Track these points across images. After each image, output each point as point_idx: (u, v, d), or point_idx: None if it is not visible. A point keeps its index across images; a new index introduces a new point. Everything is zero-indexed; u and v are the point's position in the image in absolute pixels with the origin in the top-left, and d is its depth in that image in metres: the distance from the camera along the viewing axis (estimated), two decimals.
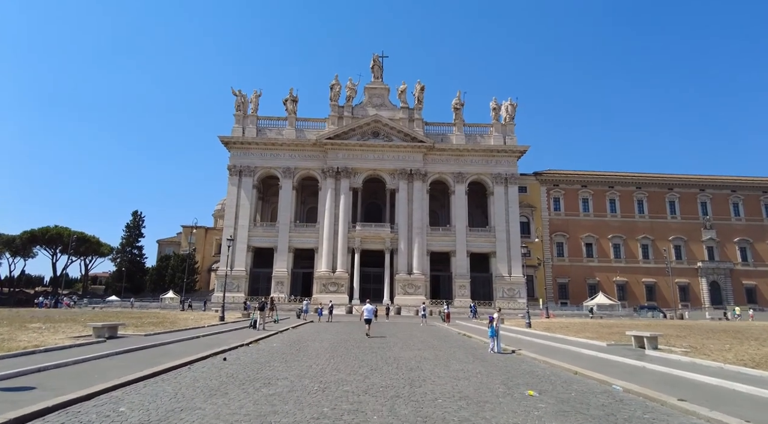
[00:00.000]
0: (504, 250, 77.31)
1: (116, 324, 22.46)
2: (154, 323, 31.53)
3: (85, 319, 31.47)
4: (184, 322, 33.63)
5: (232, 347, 21.86)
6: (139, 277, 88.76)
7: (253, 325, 32.56)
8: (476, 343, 27.00)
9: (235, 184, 78.63)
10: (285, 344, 24.61)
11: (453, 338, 29.98)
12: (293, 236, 77.37)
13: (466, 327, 38.36)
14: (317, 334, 30.80)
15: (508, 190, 79.06)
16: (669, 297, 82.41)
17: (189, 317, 39.77)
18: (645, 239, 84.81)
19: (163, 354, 18.47)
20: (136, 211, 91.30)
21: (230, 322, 36.44)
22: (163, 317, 39.06)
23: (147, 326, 28.81)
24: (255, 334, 28.67)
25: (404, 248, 75.74)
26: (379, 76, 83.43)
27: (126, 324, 26.54)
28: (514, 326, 37.31)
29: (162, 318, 36.98)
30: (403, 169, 77.87)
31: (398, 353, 20.88)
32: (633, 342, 22.53)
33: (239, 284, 75.92)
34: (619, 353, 20.68)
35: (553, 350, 22.75)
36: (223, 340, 24.70)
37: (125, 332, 23.55)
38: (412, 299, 72.43)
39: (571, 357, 20.34)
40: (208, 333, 27.14)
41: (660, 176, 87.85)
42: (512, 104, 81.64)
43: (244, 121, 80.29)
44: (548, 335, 29.56)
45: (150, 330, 25.45)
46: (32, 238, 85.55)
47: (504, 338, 28.50)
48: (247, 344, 23.81)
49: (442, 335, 32.09)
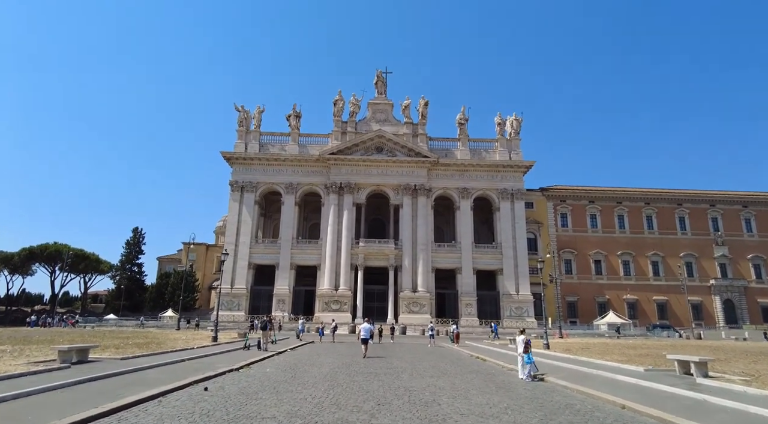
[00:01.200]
0: (511, 267, 74.09)
1: (87, 347, 19.52)
2: (140, 343, 28.50)
3: (64, 340, 28.50)
4: (174, 342, 30.60)
5: (218, 372, 18.86)
6: (138, 295, 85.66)
7: (247, 346, 29.53)
8: (493, 368, 23.86)
9: (236, 200, 76.10)
10: (280, 368, 21.55)
11: (466, 361, 26.81)
12: (295, 253, 74.43)
13: (479, 349, 35.12)
14: (317, 357, 27.69)
15: (514, 205, 76.21)
16: (682, 316, 78.74)
17: (181, 337, 36.69)
18: (655, 256, 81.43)
19: (134, 383, 15.51)
20: (137, 227, 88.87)
21: (224, 343, 33.32)
22: (154, 336, 36.00)
23: (129, 347, 25.79)
24: (249, 356, 25.64)
25: (409, 264, 72.64)
26: (383, 91, 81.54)
27: (100, 346, 23.57)
28: (533, 349, 34.10)
29: (151, 338, 33.94)
30: (407, 185, 75.28)
31: (408, 382, 17.82)
32: (677, 368, 19.39)
33: (240, 302, 72.77)
34: (663, 380, 17.58)
35: (584, 376, 19.64)
36: (210, 364, 21.68)
37: (99, 356, 20.57)
38: (417, 317, 69.10)
39: (609, 385, 17.26)
40: (195, 356, 24.11)
41: (668, 191, 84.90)
42: (517, 119, 79.42)
43: (247, 137, 78.18)
44: (572, 358, 26.40)
45: (130, 353, 22.45)
46: (31, 255, 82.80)
47: None
48: (237, 368, 20.79)
49: (453, 358, 28.91)
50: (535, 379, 19.22)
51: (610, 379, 18.99)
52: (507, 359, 27.40)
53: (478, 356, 29.27)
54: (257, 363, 23.34)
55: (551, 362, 24.31)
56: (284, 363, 23.90)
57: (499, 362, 25.34)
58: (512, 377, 20.49)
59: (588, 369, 21.70)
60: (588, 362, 24.20)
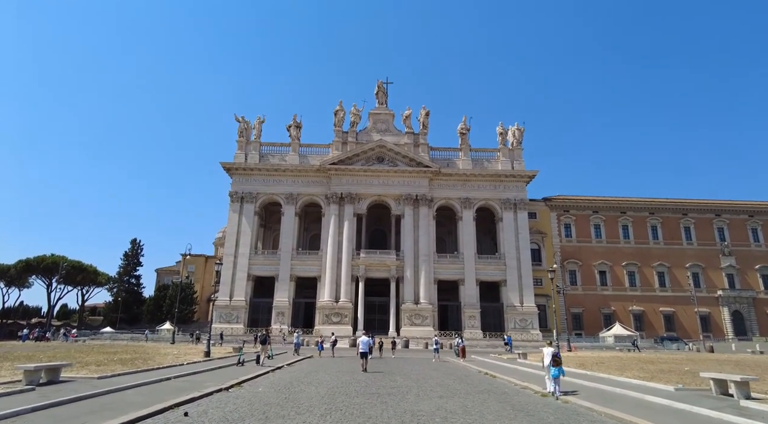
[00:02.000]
0: (515, 278, 71.95)
1: (58, 365, 17.46)
2: (126, 359, 26.38)
3: (44, 357, 26.40)
4: (163, 358, 28.46)
5: (204, 393, 16.78)
6: (135, 307, 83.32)
7: (241, 362, 27.42)
8: (506, 386, 21.72)
9: (236, 210, 74.32)
10: (273, 388, 19.45)
11: (475, 378, 24.66)
12: (295, 264, 72.39)
13: (487, 364, 32.89)
14: (314, 373, 25.54)
15: (517, 216, 74.30)
16: (689, 327, 76.32)
17: (172, 352, 34.48)
18: (661, 267, 79.16)
19: (105, 407, 13.48)
20: (135, 239, 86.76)
21: (217, 358, 31.12)
22: (144, 351, 33.83)
23: (112, 364, 23.68)
24: (242, 373, 23.53)
25: (410, 276, 70.52)
26: (384, 101, 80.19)
27: (76, 364, 21.47)
28: (541, 363, 31.85)
29: (141, 353, 31.79)
30: (408, 195, 73.48)
31: (415, 405, 15.74)
32: (713, 387, 17.28)
33: (238, 314, 70.61)
34: (701, 402, 15.49)
35: (609, 397, 17.54)
36: (198, 383, 19.60)
37: (73, 375, 18.49)
38: (420, 330, 66.83)
39: (640, 408, 15.19)
40: (183, 373, 21.99)
41: (673, 201, 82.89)
42: (519, 129, 77.91)
43: (247, 148, 76.66)
44: (588, 374, 24.26)
45: (110, 371, 20.35)
46: (27, 267, 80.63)
47: (534, 377, 23.22)
48: (227, 388, 18.70)
49: (460, 374, 26.74)
50: (557, 395, 17.15)
51: (639, 400, 16.90)
52: (519, 375, 25.27)
53: (488, 372, 27.11)
54: (249, 381, 21.23)
55: (568, 380, 22.13)
56: (279, 381, 21.78)
57: (511, 379, 23.23)
58: (529, 397, 18.39)
59: (611, 388, 19.58)
60: (609, 380, 22.07)
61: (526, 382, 22.02)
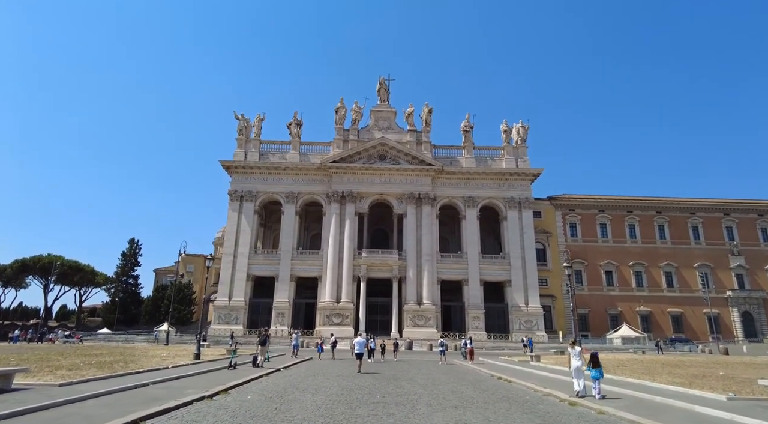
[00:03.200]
0: (520, 278, 69.30)
1: (10, 371, 14.85)
2: (105, 362, 23.73)
3: (15, 359, 23.77)
4: (148, 360, 25.83)
5: (181, 403, 14.15)
6: (133, 308, 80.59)
7: (233, 365, 24.80)
8: (524, 392, 19.05)
9: (235, 209, 71.81)
10: (264, 395, 16.81)
11: (489, 384, 21.97)
12: (296, 264, 69.83)
13: (497, 367, 30.18)
14: (312, 378, 22.88)
15: (522, 215, 71.69)
16: (698, 329, 73.56)
17: (161, 354, 31.83)
18: (668, 267, 76.35)
19: (53, 421, 10.86)
20: (133, 238, 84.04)
21: (207, 360, 28.42)
22: (131, 353, 31.16)
23: (87, 368, 21.03)
24: (231, 378, 20.90)
25: (413, 276, 67.88)
26: (386, 99, 77.76)
27: (41, 369, 18.84)
28: (557, 365, 29.13)
29: (127, 355, 29.14)
30: (411, 193, 70.92)
31: (428, 418, 13.09)
32: None
33: (238, 315, 68.08)
34: (764, 415, 12.83)
35: (650, 406, 14.88)
36: (179, 389, 16.98)
37: (31, 382, 15.86)
38: (423, 331, 64.17)
39: (692, 421, 12.53)
40: (164, 378, 19.36)
41: (681, 200, 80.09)
42: (524, 126, 75.39)
43: (247, 146, 74.23)
44: (616, 379, 21.58)
45: (79, 376, 17.71)
46: (23, 267, 78.05)
47: (555, 382, 20.55)
48: (210, 396, 16.06)
49: (472, 378, 24.06)
50: (581, 406, 14.49)
51: (689, 411, 14.23)
52: (537, 379, 22.61)
53: (501, 376, 24.43)
54: (238, 387, 18.59)
55: (590, 384, 19.40)
56: (272, 387, 19.12)
57: (529, 384, 20.58)
58: (555, 405, 15.74)
59: (648, 395, 16.92)
60: (643, 386, 19.39)
61: (548, 387, 19.38)
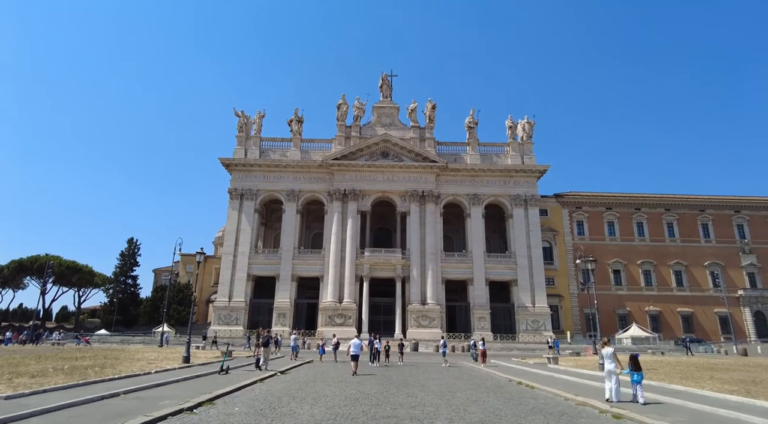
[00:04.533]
0: (526, 277, 66.71)
1: None
2: (80, 367, 21.23)
3: None
4: (131, 364, 23.34)
5: (151, 418, 11.62)
6: (132, 309, 78.02)
7: (224, 369, 22.27)
8: (553, 400, 16.49)
9: (235, 208, 69.39)
10: (254, 407, 14.28)
11: (510, 390, 19.39)
12: (297, 264, 67.35)
13: (514, 371, 27.57)
14: (312, 384, 20.33)
15: (528, 212, 69.16)
16: (709, 329, 70.93)
17: (149, 357, 29.31)
18: (678, 265, 73.67)
19: None
20: (132, 238, 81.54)
21: (197, 364, 25.89)
22: (116, 356, 28.63)
23: (56, 374, 18.51)
24: (221, 384, 18.39)
25: (417, 275, 65.33)
26: (388, 95, 75.34)
27: None
28: (577, 368, 26.49)
29: (111, 358, 26.63)
30: (414, 191, 68.41)
31: None
32: None
33: (238, 316, 65.65)
34: None
35: (708, 420, 12.24)
36: (154, 399, 14.46)
37: None
38: (427, 332, 61.63)
39: None
40: (141, 386, 16.85)
41: (690, 197, 77.39)
42: (529, 122, 72.89)
43: (247, 143, 71.86)
44: (654, 385, 18.94)
45: (40, 385, 15.18)
46: (20, 267, 75.66)
47: (583, 388, 17.92)
48: (191, 408, 13.51)
49: (489, 384, 21.47)
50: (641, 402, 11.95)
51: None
52: (561, 385, 20.06)
53: (520, 380, 21.89)
54: (226, 397, 16.06)
55: (629, 391, 16.75)
56: (265, 396, 16.58)
57: (556, 391, 18.05)
58: (597, 418, 13.21)
59: (698, 405, 14.41)
60: (688, 394, 16.78)
61: (579, 395, 16.80)
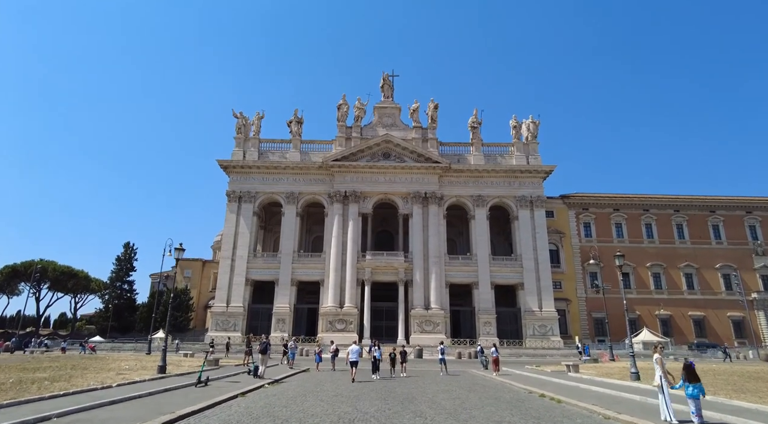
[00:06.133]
0: (533, 281, 63.55)
1: None
2: (29, 380, 18.27)
3: None
4: (96, 376, 20.37)
5: None
6: (128, 315, 74.90)
7: (203, 381, 19.19)
8: (587, 419, 13.47)
9: (233, 211, 66.49)
10: None
11: (534, 405, 16.41)
12: (297, 268, 64.33)
13: (531, 380, 24.43)
14: (302, 399, 17.28)
15: (534, 214, 66.11)
16: (722, 333, 67.54)
17: (122, 366, 26.28)
18: (688, 268, 70.43)
19: None
20: (128, 242, 78.62)
21: (174, 374, 22.85)
22: (84, 366, 25.60)
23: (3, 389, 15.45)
24: (192, 400, 15.39)
25: (420, 279, 62.23)
26: (390, 95, 72.71)
27: None
28: (602, 377, 23.31)
29: (78, 368, 23.61)
30: (416, 193, 65.48)
31: None
32: None
33: (236, 321, 62.59)
34: None
35: None
36: (101, 422, 11.33)
37: None
38: (431, 337, 58.29)
39: None
40: (87, 405, 13.84)
41: (700, 198, 74.29)
42: (534, 122, 70.08)
43: (245, 145, 69.15)
44: (710, 400, 15.77)
45: None
46: (14, 273, 72.82)
47: (621, 402, 14.77)
48: None
49: (508, 397, 18.40)
50: None
51: None
52: (590, 397, 17.08)
53: (543, 393, 18.91)
54: (191, 417, 13.03)
55: (683, 409, 13.62)
56: (239, 418, 13.47)
57: (590, 407, 15.09)
58: None
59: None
60: (759, 412, 13.62)
61: (622, 412, 13.69)
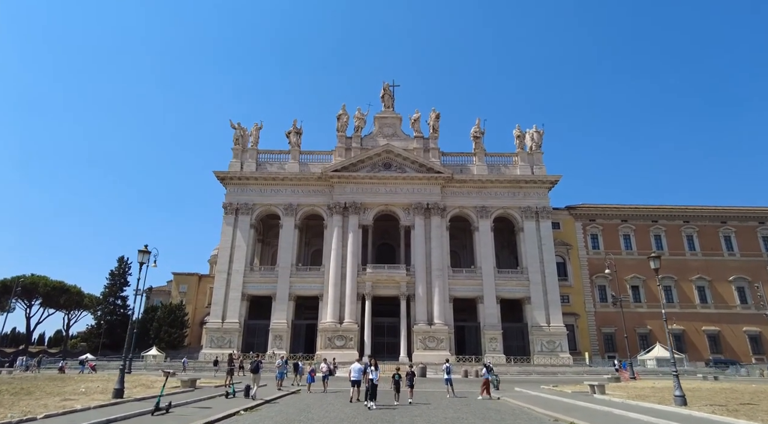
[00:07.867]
0: (540, 294, 60.63)
1: None
2: None
3: None
4: (31, 401, 17.42)
5: None
6: (120, 331, 71.72)
7: (162, 408, 16.31)
8: None
9: (230, 223, 64.04)
10: None
11: None
12: (295, 282, 61.59)
13: (551, 404, 21.29)
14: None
15: (540, 225, 63.53)
16: (738, 348, 64.48)
17: (79, 389, 23.29)
18: (700, 280, 67.43)
19: None
20: (122, 256, 75.75)
21: (132, 399, 19.68)
22: (38, 387, 22.80)
23: None
24: None
25: (422, 293, 59.37)
26: (390, 105, 70.89)
27: None
28: (636, 401, 20.20)
29: (29, 390, 20.72)
30: (418, 204, 63.02)
31: None
32: None
33: (231, 338, 59.73)
34: None
35: None
36: None
37: None
38: (434, 354, 55.22)
39: None
40: None
41: (710, 208, 71.57)
42: (538, 132, 68.02)
43: (243, 156, 67.09)
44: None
45: None
46: (4, 288, 69.90)
47: None
48: None
49: None
50: None
51: None
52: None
53: (572, 421, 15.83)
54: None
55: None
56: None
57: None
58: None
59: None
60: None
61: None
